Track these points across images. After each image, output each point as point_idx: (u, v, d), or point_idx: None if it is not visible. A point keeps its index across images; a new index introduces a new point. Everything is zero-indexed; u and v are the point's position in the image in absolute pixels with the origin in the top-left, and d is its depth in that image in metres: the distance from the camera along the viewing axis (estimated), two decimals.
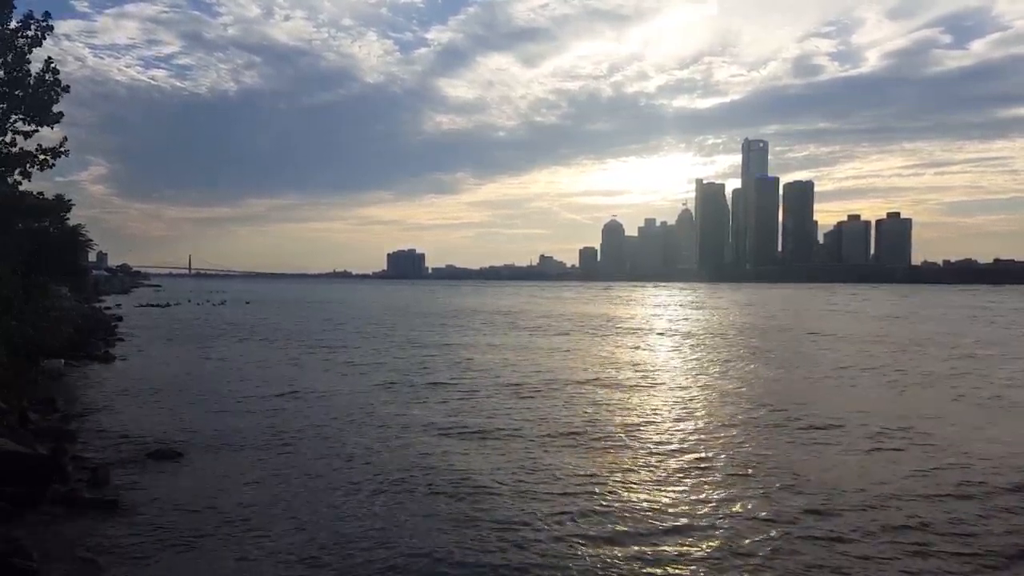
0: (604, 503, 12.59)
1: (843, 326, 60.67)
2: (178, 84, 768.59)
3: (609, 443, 17.19)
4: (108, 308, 71.42)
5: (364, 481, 13.80)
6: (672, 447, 16.86)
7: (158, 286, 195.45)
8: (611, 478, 14.18)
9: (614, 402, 23.09)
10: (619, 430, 18.55)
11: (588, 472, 14.54)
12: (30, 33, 20.89)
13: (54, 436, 15.88)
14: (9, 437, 13.30)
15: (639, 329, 58.36)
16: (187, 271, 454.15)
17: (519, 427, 18.87)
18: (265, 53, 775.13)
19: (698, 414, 21.08)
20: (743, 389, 25.92)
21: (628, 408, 22.00)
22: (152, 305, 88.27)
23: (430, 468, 14.69)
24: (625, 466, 15.09)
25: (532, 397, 23.79)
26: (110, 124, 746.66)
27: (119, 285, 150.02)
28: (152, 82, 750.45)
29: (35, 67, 21.35)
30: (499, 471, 14.55)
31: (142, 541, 10.52)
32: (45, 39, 21.17)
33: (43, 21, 21.05)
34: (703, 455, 16.08)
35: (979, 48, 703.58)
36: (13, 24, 20.77)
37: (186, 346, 41.03)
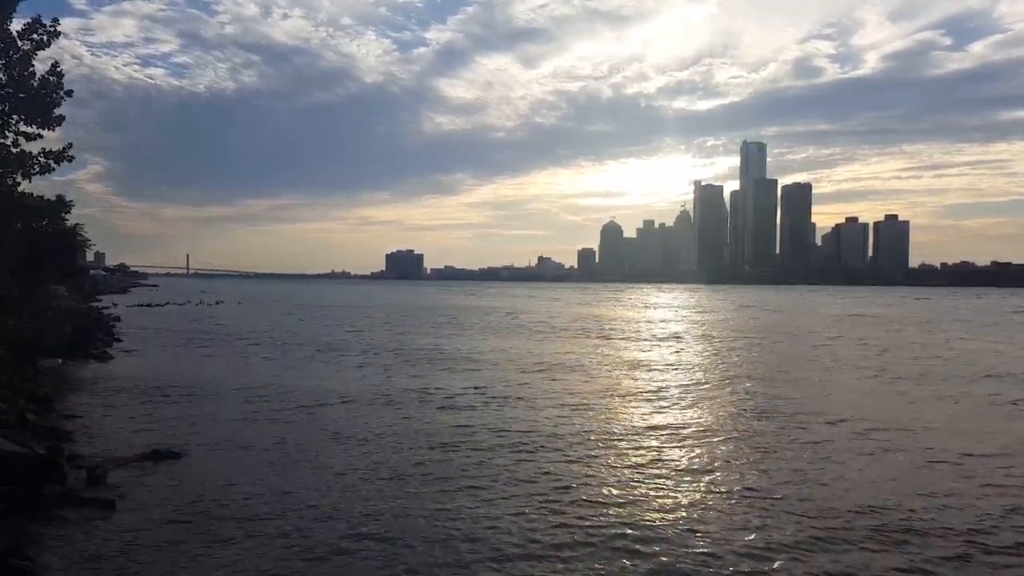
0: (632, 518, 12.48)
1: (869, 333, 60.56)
2: (176, 83, 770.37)
3: (636, 452, 17.12)
4: (105, 308, 71.19)
5: (365, 481, 13.77)
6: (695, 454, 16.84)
7: (155, 286, 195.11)
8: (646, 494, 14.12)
9: (637, 411, 22.85)
10: (651, 439, 18.37)
11: (599, 476, 14.53)
12: (35, 36, 20.78)
13: (52, 435, 15.87)
14: (6, 437, 13.26)
15: (647, 333, 58.31)
16: (185, 271, 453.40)
17: (524, 435, 18.86)
18: (263, 52, 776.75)
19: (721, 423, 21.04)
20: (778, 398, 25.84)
21: (656, 418, 21.75)
22: (149, 305, 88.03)
23: (433, 469, 14.67)
24: (665, 482, 14.74)
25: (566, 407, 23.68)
26: (107, 123, 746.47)
27: (116, 285, 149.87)
28: (150, 80, 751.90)
29: (40, 67, 21.24)
30: (503, 476, 14.53)
31: (140, 541, 10.48)
32: (50, 44, 21.08)
33: (51, 26, 20.95)
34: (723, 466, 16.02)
35: (979, 50, 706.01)
36: (19, 26, 20.65)
37: (183, 345, 41.00)
